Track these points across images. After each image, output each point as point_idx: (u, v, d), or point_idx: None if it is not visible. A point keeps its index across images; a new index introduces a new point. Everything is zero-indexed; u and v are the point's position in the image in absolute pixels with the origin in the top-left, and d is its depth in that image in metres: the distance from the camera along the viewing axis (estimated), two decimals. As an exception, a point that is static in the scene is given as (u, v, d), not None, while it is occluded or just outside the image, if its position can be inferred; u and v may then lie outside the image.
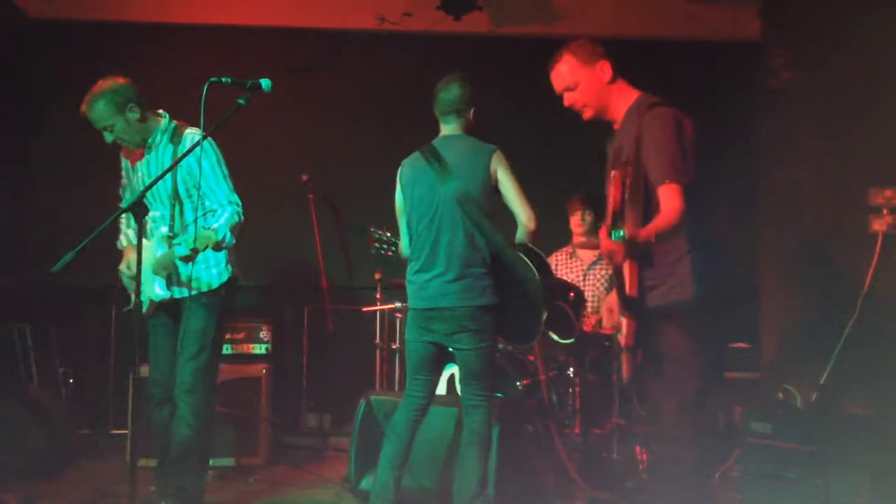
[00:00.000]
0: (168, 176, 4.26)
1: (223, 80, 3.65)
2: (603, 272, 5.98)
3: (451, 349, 4.25)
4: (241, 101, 3.68)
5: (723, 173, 3.45)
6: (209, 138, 4.34)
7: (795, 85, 5.71)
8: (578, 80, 3.66)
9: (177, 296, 4.37)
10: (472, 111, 4.44)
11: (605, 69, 3.58)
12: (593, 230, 5.87)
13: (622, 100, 3.57)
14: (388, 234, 5.27)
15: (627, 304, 3.34)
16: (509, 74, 7.29)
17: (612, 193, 3.12)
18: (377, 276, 6.35)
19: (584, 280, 6.02)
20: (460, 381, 4.28)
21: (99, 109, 4.36)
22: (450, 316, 4.14)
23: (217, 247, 4.12)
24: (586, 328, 5.54)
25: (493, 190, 4.22)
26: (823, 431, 4.29)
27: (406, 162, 4.46)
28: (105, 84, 4.40)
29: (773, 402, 5.04)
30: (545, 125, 6.93)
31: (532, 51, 7.28)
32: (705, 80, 6.51)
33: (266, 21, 7.11)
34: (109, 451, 6.24)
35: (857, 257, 5.01)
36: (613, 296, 3.62)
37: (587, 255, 6.08)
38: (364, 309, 6.49)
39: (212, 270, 4.43)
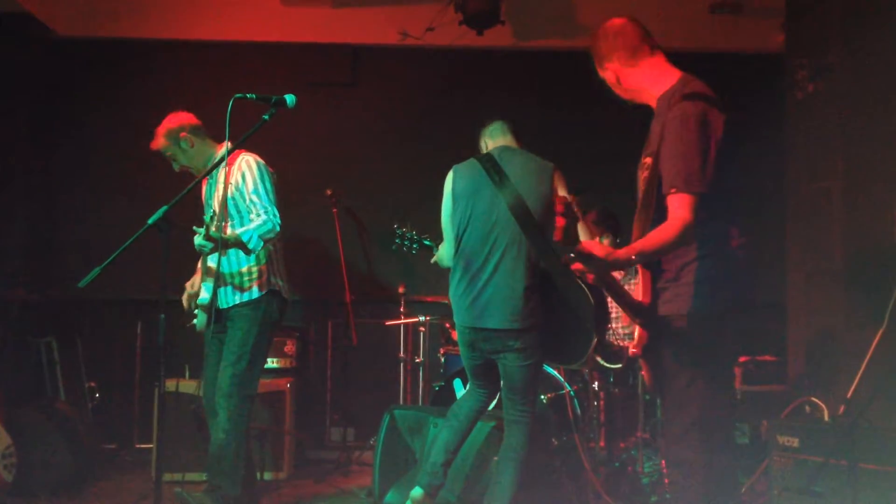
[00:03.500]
0: (218, 192, 4.56)
1: (248, 96, 3.68)
2: (629, 289, 5.94)
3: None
4: (265, 117, 3.72)
5: (749, 185, 3.36)
6: (258, 158, 4.65)
7: (821, 96, 5.68)
8: (603, 79, 3.42)
9: (220, 305, 4.58)
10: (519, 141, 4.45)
11: (610, 74, 3.33)
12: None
13: (654, 85, 3.25)
14: (413, 232, 5.18)
15: (635, 312, 3.16)
16: (532, 88, 7.32)
17: (558, 218, 2.73)
18: (401, 290, 6.35)
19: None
20: (503, 395, 4.27)
21: (159, 142, 4.70)
22: (495, 337, 4.11)
23: (245, 249, 4.33)
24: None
25: (551, 209, 4.15)
26: (852, 445, 4.24)
27: (460, 169, 4.34)
28: (166, 119, 4.74)
29: (800, 416, 5.00)
30: (568, 139, 6.95)
31: (555, 64, 7.36)
32: (730, 92, 6.47)
33: (289, 37, 7.15)
34: (135, 466, 6.28)
35: (885, 268, 4.96)
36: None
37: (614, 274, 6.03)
38: (388, 323, 6.49)
39: (253, 282, 4.60)
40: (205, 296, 4.54)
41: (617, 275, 5.90)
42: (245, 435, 4.61)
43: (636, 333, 3.19)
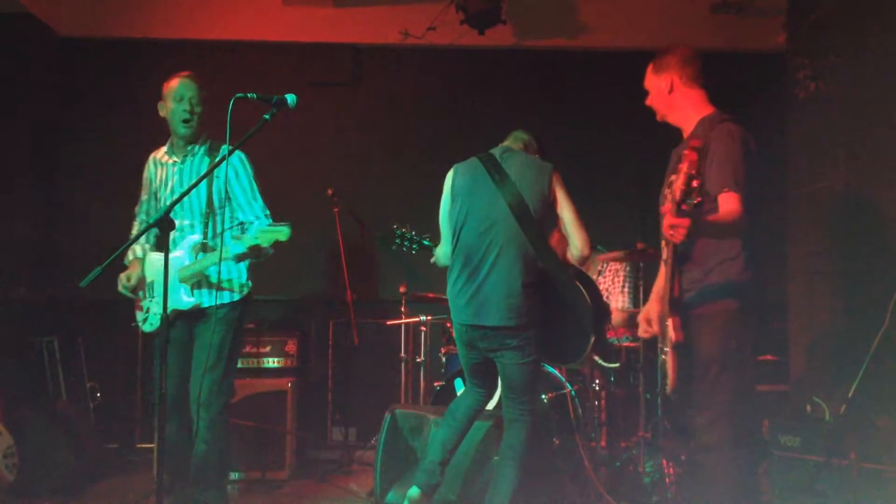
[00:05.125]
0: (203, 187, 4.37)
1: (249, 95, 3.67)
2: (604, 284, 5.95)
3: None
4: (266, 117, 3.70)
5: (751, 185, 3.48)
6: (243, 153, 4.49)
7: (822, 96, 5.67)
8: (649, 87, 3.85)
9: (204, 304, 4.38)
10: (535, 153, 4.42)
11: (666, 80, 3.76)
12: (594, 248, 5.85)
13: (694, 110, 3.73)
14: (413, 232, 5.18)
15: (673, 305, 3.45)
16: (533, 88, 7.31)
17: (684, 169, 3.11)
18: (402, 290, 6.34)
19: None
20: (502, 395, 4.26)
21: (200, 90, 4.55)
22: (492, 335, 4.11)
23: (260, 254, 4.19)
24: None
25: (549, 207, 4.16)
26: (853, 445, 4.24)
27: (460, 168, 4.34)
28: (191, 74, 4.63)
29: (802, 415, 5.00)
30: (567, 138, 6.95)
31: (556, 64, 7.37)
32: (731, 91, 6.47)
33: (291, 37, 7.15)
34: (136, 466, 6.28)
35: (887, 268, 4.96)
36: (649, 306, 3.77)
37: (588, 268, 6.04)
38: (389, 322, 6.49)
39: (234, 283, 4.46)
40: (187, 299, 4.35)
41: (593, 273, 5.95)
42: (226, 441, 4.47)
43: (671, 325, 3.40)
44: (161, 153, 4.64)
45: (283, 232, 4.04)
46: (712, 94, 3.79)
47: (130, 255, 4.60)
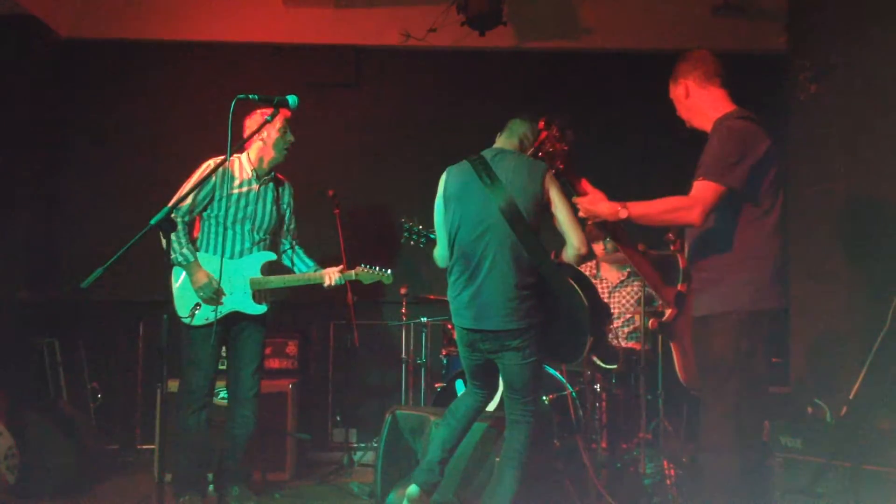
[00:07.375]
0: (275, 210, 5.00)
1: (250, 96, 3.67)
2: (628, 291, 5.96)
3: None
4: (268, 118, 3.72)
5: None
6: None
7: (823, 97, 5.68)
8: (672, 97, 3.87)
9: (255, 311, 4.97)
10: (528, 148, 4.38)
11: (682, 87, 3.77)
12: (615, 250, 5.85)
13: (713, 110, 3.70)
14: (420, 226, 5.21)
15: (659, 288, 3.63)
16: (534, 89, 7.31)
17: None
18: (403, 291, 6.34)
19: (609, 298, 5.99)
20: (504, 395, 4.26)
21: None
22: (493, 337, 4.10)
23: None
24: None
25: (543, 209, 4.16)
26: (854, 446, 4.24)
27: (453, 170, 4.33)
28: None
29: (803, 417, 4.99)
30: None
31: (557, 65, 7.36)
32: (733, 92, 6.49)
33: (292, 38, 7.15)
34: (137, 467, 6.28)
35: (889, 269, 4.96)
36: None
37: (613, 275, 6.05)
38: (390, 324, 6.48)
39: None
40: (260, 305, 4.94)
41: (616, 276, 5.95)
42: None
43: (667, 312, 3.59)
44: (240, 168, 4.87)
45: (387, 276, 5.06)
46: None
47: (191, 257, 4.80)
